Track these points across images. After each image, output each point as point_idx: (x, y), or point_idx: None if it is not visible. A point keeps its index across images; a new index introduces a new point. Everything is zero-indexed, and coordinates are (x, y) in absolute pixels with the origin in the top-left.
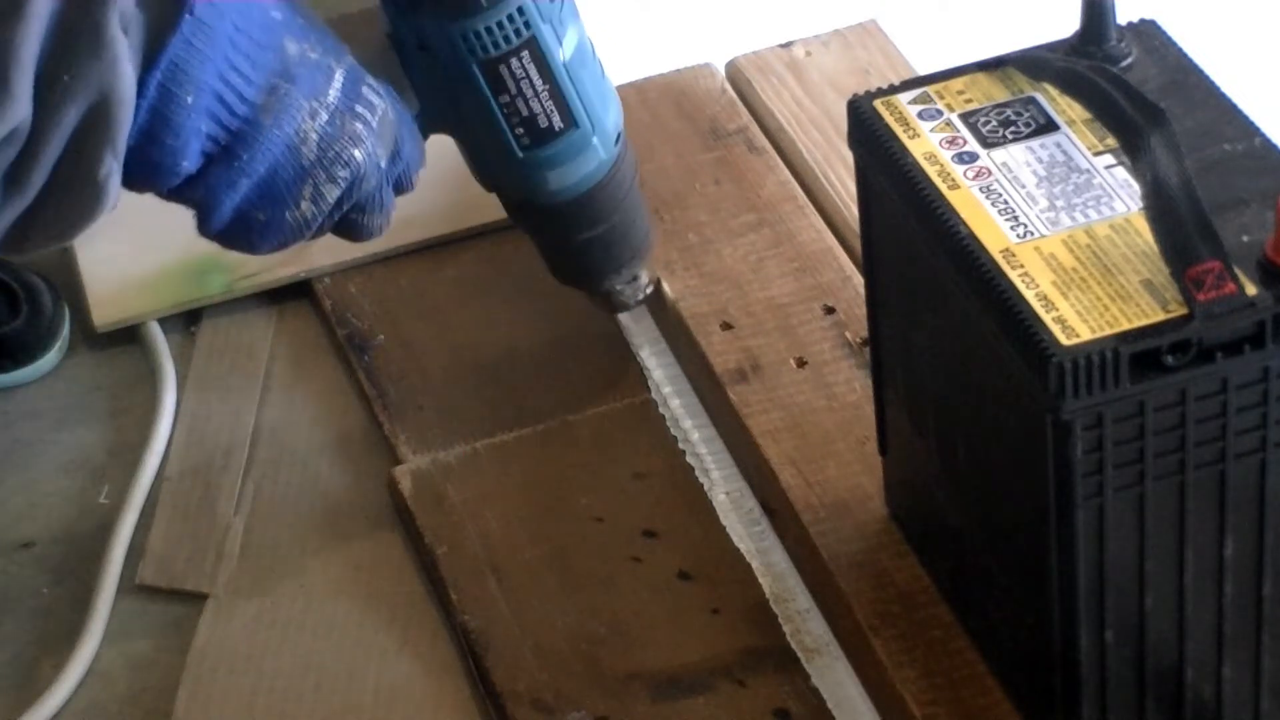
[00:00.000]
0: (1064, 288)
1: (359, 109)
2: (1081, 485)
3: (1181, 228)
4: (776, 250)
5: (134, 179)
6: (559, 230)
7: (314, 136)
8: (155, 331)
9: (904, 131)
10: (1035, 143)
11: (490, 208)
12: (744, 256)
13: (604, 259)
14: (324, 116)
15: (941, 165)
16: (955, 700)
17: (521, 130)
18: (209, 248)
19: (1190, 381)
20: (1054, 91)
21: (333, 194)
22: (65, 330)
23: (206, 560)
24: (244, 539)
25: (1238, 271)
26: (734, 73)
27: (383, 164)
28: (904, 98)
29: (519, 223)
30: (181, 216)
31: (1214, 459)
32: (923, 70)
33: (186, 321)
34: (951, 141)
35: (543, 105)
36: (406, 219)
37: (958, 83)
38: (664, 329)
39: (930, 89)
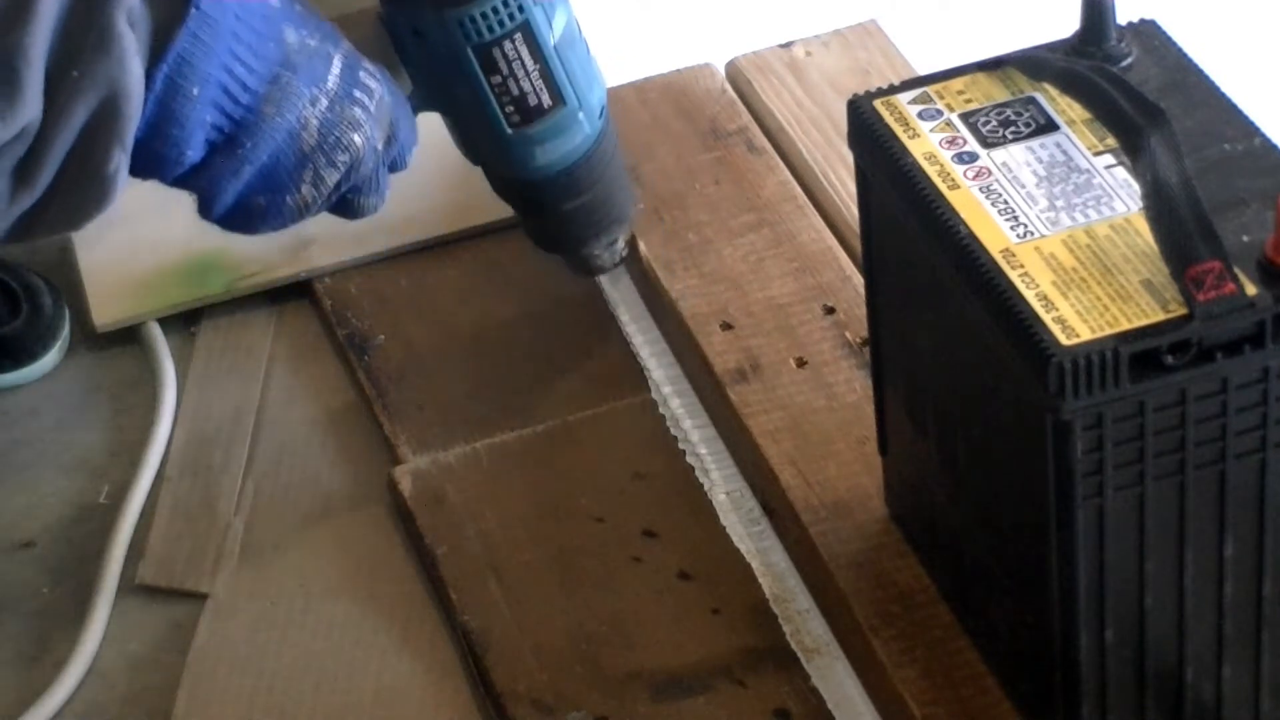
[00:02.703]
0: (1064, 288)
1: (358, 94)
2: (1081, 485)
3: (1181, 228)
4: (776, 250)
5: (139, 169)
6: (545, 202)
7: (315, 123)
8: (155, 331)
9: (904, 131)
10: (1035, 143)
11: (490, 208)
12: (744, 256)
13: (586, 226)
14: (324, 103)
15: (941, 165)
16: (955, 700)
17: (512, 109)
18: (209, 247)
19: (1190, 381)
20: (1054, 91)
21: (332, 178)
22: (65, 330)
23: (206, 560)
24: (244, 539)
25: (1238, 271)
26: (734, 73)
27: (380, 146)
28: (904, 98)
29: (505, 197)
30: (181, 217)
31: (1214, 459)
32: (923, 70)
33: (186, 321)
34: (951, 141)
35: (533, 84)
36: (406, 219)
37: (958, 83)
38: (664, 329)
39: (930, 89)
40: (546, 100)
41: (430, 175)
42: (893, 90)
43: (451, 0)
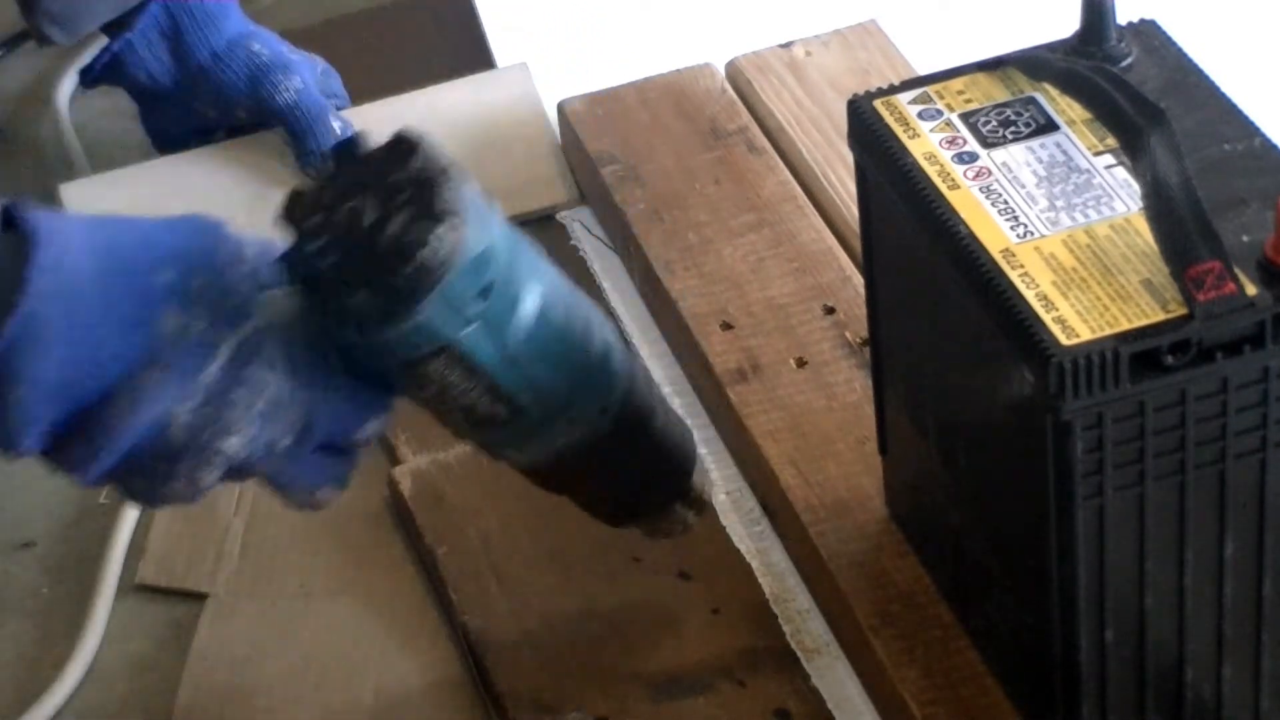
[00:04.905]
0: (1064, 288)
1: (240, 392)
2: (1081, 485)
3: (1181, 228)
4: (776, 250)
5: None
6: (566, 488)
7: (183, 419)
8: None
9: (904, 131)
10: (1035, 143)
11: None
12: (744, 256)
13: (637, 503)
14: (196, 400)
15: (941, 165)
16: (955, 700)
17: (460, 417)
18: None
19: (1190, 381)
20: (1054, 91)
21: (210, 476)
22: None
23: (206, 560)
24: (244, 539)
25: (1238, 271)
26: (734, 73)
27: (286, 443)
28: (904, 98)
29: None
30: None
31: (1214, 459)
32: (923, 70)
33: None
34: (951, 141)
35: (475, 399)
36: None
37: (958, 83)
38: (664, 329)
39: (930, 89)
40: (502, 412)
41: None
42: (893, 90)
43: (370, 319)
